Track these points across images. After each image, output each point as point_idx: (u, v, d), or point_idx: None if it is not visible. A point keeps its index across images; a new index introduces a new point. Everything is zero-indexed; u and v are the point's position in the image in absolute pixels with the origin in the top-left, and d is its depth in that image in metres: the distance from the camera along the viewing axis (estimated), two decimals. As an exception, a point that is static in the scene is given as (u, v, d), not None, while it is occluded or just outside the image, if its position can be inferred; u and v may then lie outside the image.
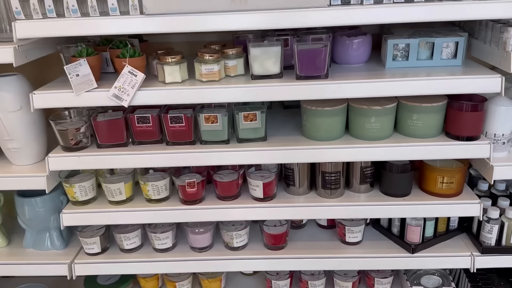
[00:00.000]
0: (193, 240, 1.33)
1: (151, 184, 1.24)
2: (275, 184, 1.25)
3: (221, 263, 1.32)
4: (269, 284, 1.38)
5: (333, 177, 1.23)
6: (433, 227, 1.30)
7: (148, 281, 1.41)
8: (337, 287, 1.37)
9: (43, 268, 1.34)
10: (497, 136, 1.17)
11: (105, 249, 1.35)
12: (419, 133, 1.17)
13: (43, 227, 1.35)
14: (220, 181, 1.25)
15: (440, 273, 1.35)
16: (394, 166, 1.23)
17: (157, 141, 1.22)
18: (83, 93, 1.11)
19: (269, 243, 1.32)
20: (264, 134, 1.20)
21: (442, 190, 1.23)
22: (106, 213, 1.26)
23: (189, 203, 1.26)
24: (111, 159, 1.19)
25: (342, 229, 1.32)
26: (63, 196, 1.34)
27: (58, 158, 1.19)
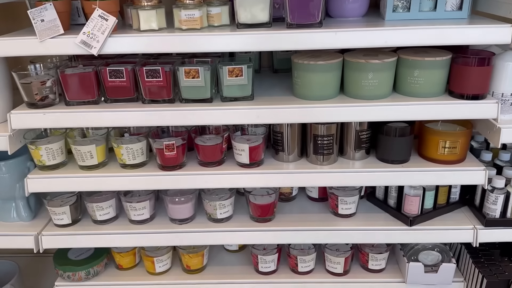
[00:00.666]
0: (172, 211, 1.22)
1: (125, 147, 1.13)
2: (262, 149, 1.15)
3: (204, 236, 1.22)
4: (255, 260, 1.28)
5: (326, 141, 1.13)
6: (433, 199, 1.21)
7: (124, 257, 1.30)
8: (328, 263, 1.27)
9: (7, 240, 1.22)
10: (505, 96, 1.07)
11: (76, 220, 1.24)
12: (421, 92, 1.07)
13: (8, 196, 1.24)
14: (203, 145, 1.14)
15: (439, 248, 1.25)
16: (392, 129, 1.13)
17: (132, 98, 1.11)
18: (48, 40, 1.00)
19: (256, 214, 1.22)
20: (251, 92, 1.09)
21: (444, 156, 1.13)
22: (76, 178, 1.15)
23: (168, 168, 1.15)
24: (81, 117, 1.08)
25: (334, 200, 1.22)
26: (30, 162, 1.22)
27: (21, 115, 1.07)
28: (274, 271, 1.30)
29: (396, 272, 1.28)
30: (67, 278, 1.27)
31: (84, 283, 1.28)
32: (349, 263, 1.27)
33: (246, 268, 1.33)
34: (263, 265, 1.27)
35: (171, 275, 1.31)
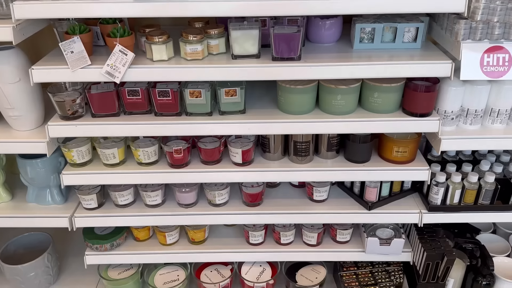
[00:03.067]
0: (180, 198, 1.51)
1: (142, 150, 1.39)
2: (252, 151, 1.41)
3: (205, 218, 1.51)
4: (246, 235, 1.59)
5: (304, 146, 1.40)
6: (389, 188, 1.50)
7: (140, 231, 1.60)
8: (304, 237, 1.58)
9: (45, 221, 1.50)
10: (447, 112, 1.33)
11: (101, 204, 1.52)
12: (379, 109, 1.33)
13: (44, 185, 1.51)
14: (204, 148, 1.40)
15: (393, 226, 1.57)
16: (357, 136, 1.39)
17: (146, 111, 1.35)
18: (78, 69, 1.22)
19: (247, 200, 1.51)
20: (243, 108, 1.34)
21: (397, 157, 1.41)
22: (102, 174, 1.41)
23: (176, 167, 1.42)
24: (105, 128, 1.33)
25: (310, 189, 1.51)
26: (61, 157, 1.48)
27: (57, 126, 1.31)
28: (262, 243, 1.60)
29: (358, 244, 1.60)
30: (95, 249, 1.57)
31: (109, 252, 1.58)
32: (321, 236, 1.59)
33: (239, 240, 1.62)
34: (253, 238, 1.58)
35: (179, 246, 1.61)
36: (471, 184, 1.44)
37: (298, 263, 1.67)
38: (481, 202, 1.46)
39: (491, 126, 1.36)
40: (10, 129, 1.40)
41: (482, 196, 1.45)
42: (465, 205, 1.47)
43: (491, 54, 1.20)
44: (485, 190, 1.44)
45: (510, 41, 1.19)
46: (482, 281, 1.55)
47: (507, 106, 1.32)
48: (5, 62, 1.26)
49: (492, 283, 1.56)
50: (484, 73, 1.22)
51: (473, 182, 1.43)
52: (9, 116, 1.36)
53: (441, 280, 1.54)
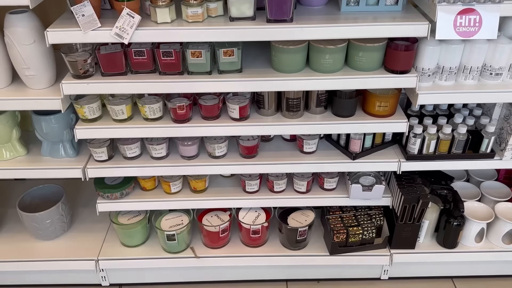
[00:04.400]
0: (183, 151, 1.66)
1: (148, 106, 1.52)
2: (249, 107, 1.55)
3: (206, 168, 1.66)
4: (243, 183, 1.75)
5: (295, 102, 1.54)
6: (371, 140, 1.66)
7: (147, 181, 1.75)
8: (295, 185, 1.75)
9: (60, 172, 1.64)
10: (424, 70, 1.48)
11: (111, 157, 1.67)
12: (364, 67, 1.47)
13: (57, 139, 1.64)
14: (204, 104, 1.54)
15: (374, 174, 1.74)
16: (343, 93, 1.54)
17: (151, 71, 1.48)
18: (89, 31, 1.33)
19: (244, 153, 1.66)
20: (240, 67, 1.47)
21: (379, 112, 1.56)
22: (111, 129, 1.54)
23: (179, 122, 1.55)
24: (114, 86, 1.45)
25: (301, 142, 1.66)
26: (72, 114, 1.61)
27: (70, 84, 1.43)
28: (257, 191, 1.76)
29: (343, 191, 1.77)
30: (106, 198, 1.72)
31: (119, 200, 1.73)
32: (310, 184, 1.76)
33: (236, 188, 1.78)
34: (249, 187, 1.75)
35: (182, 194, 1.76)
36: (445, 135, 1.60)
37: (290, 208, 1.85)
38: (454, 151, 1.63)
39: (464, 82, 1.51)
40: (26, 87, 1.51)
41: (455, 146, 1.62)
42: (439, 154, 1.64)
43: (464, 16, 1.33)
44: (458, 141, 1.61)
45: (480, 3, 1.32)
46: (454, 222, 1.75)
47: (479, 64, 1.47)
48: (21, 25, 1.37)
49: (462, 223, 1.75)
50: (457, 33, 1.35)
51: (447, 134, 1.60)
52: (25, 76, 1.47)
53: (416, 221, 1.73)
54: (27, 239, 1.87)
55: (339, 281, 1.90)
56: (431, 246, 1.84)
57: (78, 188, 2.12)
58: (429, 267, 1.90)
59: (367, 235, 1.76)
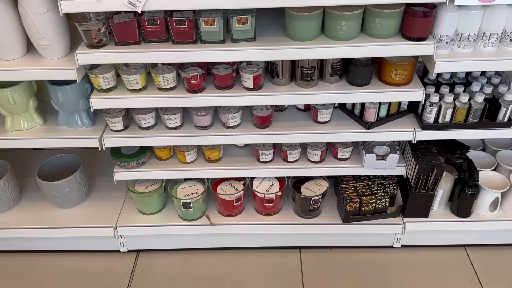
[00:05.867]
0: (197, 121, 1.67)
1: (162, 76, 1.52)
2: (262, 77, 1.54)
3: (220, 138, 1.67)
4: (257, 153, 1.76)
5: (309, 71, 1.53)
6: (387, 109, 1.64)
7: (162, 151, 1.78)
8: (309, 155, 1.76)
9: (77, 141, 1.67)
10: (442, 36, 1.44)
11: (126, 126, 1.68)
12: (380, 35, 1.43)
13: (73, 109, 1.66)
14: (218, 74, 1.53)
15: (389, 143, 1.73)
16: (358, 61, 1.51)
17: (164, 40, 1.47)
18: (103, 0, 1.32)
19: (257, 123, 1.66)
20: (253, 35, 1.45)
21: (395, 80, 1.54)
22: (126, 99, 1.55)
23: (193, 92, 1.55)
24: (127, 55, 1.45)
25: (315, 112, 1.65)
26: (87, 84, 1.62)
27: (84, 54, 1.44)
28: (271, 161, 1.78)
29: (357, 160, 1.77)
30: (122, 167, 1.76)
31: (135, 169, 1.76)
32: (324, 154, 1.76)
33: (250, 158, 1.80)
34: (263, 157, 1.76)
35: (197, 164, 1.78)
36: (462, 104, 1.58)
37: (303, 178, 1.86)
38: (470, 120, 1.61)
39: (482, 49, 1.47)
40: (41, 57, 1.52)
41: (472, 114, 1.60)
42: (455, 123, 1.62)
43: (486, -20, 1.29)
44: (475, 109, 1.58)
45: (504, -34, 1.27)
46: (468, 191, 1.75)
47: (498, 30, 1.42)
48: (33, -6, 1.37)
49: (476, 192, 1.75)
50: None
51: (463, 102, 1.57)
52: (39, 46, 1.48)
53: (430, 190, 1.73)
54: (47, 207, 1.92)
55: (351, 248, 1.94)
56: (445, 215, 1.85)
57: (95, 158, 2.17)
58: (442, 236, 1.91)
59: (380, 204, 1.77)
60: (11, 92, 1.59)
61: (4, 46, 1.49)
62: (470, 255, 1.90)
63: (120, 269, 1.88)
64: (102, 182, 2.05)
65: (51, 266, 1.90)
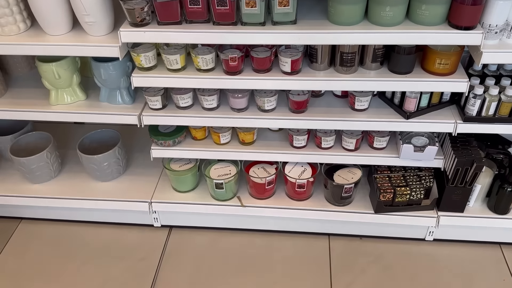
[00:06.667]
0: (233, 103, 1.68)
1: (201, 57, 1.53)
2: (301, 61, 1.53)
3: (255, 121, 1.67)
4: (291, 138, 1.76)
5: (350, 57, 1.50)
6: (428, 99, 1.60)
7: (198, 131, 1.80)
8: (344, 142, 1.74)
9: (117, 118, 1.72)
10: (491, 26, 1.37)
11: (165, 105, 1.72)
12: (426, 22, 1.39)
13: (115, 86, 1.71)
14: (256, 56, 1.53)
15: (428, 135, 1.69)
16: (402, 48, 1.47)
17: (206, 20, 1.48)
18: (147, -21, 1.34)
19: (293, 107, 1.66)
20: (294, 18, 1.43)
21: (439, 70, 1.49)
22: (166, 78, 1.58)
23: (230, 74, 1.56)
24: (169, 35, 1.46)
25: (352, 99, 1.63)
26: (129, 62, 1.66)
27: (127, 32, 1.47)
28: (304, 146, 1.77)
29: (393, 150, 1.74)
30: (159, 145, 1.80)
31: (171, 148, 1.80)
32: (359, 142, 1.74)
33: (283, 143, 1.80)
34: (296, 142, 1.76)
35: (231, 145, 1.79)
36: (508, 97, 1.51)
37: (336, 165, 1.85)
38: (516, 115, 1.55)
39: (535, 41, 1.40)
40: (85, 34, 1.56)
41: (518, 109, 1.53)
42: (499, 117, 1.55)
43: (545, -34, 1.21)
44: (522, 104, 1.51)
45: None
46: (508, 188, 1.69)
47: (555, 21, 1.35)
48: (81, -28, 1.40)
49: (516, 190, 1.69)
50: (535, -15, 1.24)
51: (509, 95, 1.51)
52: (85, 22, 1.52)
53: (468, 185, 1.69)
54: (86, 179, 2.00)
55: (382, 238, 1.92)
56: (481, 210, 1.80)
57: (132, 134, 2.23)
58: (476, 232, 1.86)
59: (415, 196, 1.74)
60: (56, 66, 1.65)
61: (51, 21, 1.54)
62: (505, 254, 1.85)
63: (152, 243, 1.95)
64: (139, 158, 2.11)
65: (88, 236, 1.99)
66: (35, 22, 1.61)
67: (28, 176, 1.95)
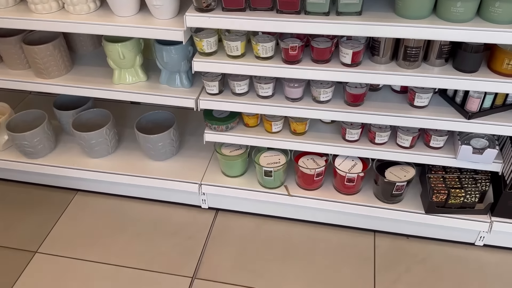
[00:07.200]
0: (288, 92, 1.68)
1: (261, 44, 1.55)
2: (362, 53, 1.51)
3: (309, 112, 1.67)
4: (343, 131, 1.75)
5: (414, 51, 1.46)
6: (492, 100, 1.54)
7: (251, 118, 1.83)
8: (399, 139, 1.71)
9: (175, 100, 1.77)
10: None
11: (221, 91, 1.75)
12: (498, 20, 1.33)
13: (175, 69, 1.76)
14: (317, 47, 1.52)
15: (488, 137, 1.63)
16: (469, 46, 1.42)
17: (269, 8, 1.49)
18: (216, -35, 1.36)
19: (349, 100, 1.64)
20: (360, 9, 1.41)
21: (507, 70, 1.43)
22: (226, 64, 1.61)
23: (289, 63, 1.57)
24: (233, 22, 1.48)
25: (412, 95, 1.59)
26: (190, 47, 1.70)
27: (193, 17, 1.50)
28: (357, 140, 1.75)
29: (450, 150, 1.69)
30: (213, 129, 1.84)
31: (224, 133, 1.83)
32: (415, 140, 1.70)
33: (335, 135, 1.78)
34: (349, 135, 1.74)
35: (282, 135, 1.80)
36: None
37: (388, 162, 1.82)
38: None
39: None
40: (151, 17, 1.61)
41: None
42: None
43: None
44: None
45: None
46: None
47: None
48: (153, -44, 1.44)
49: None
50: None
51: None
52: (152, 5, 1.57)
53: (527, 192, 1.62)
54: (141, 157, 2.08)
55: (429, 240, 1.88)
56: (539, 220, 1.72)
57: (185, 117, 2.28)
58: (531, 242, 1.79)
59: (469, 199, 1.69)
60: (122, 47, 1.72)
61: (120, 3, 1.60)
62: (562, 267, 1.77)
63: (199, 223, 2.01)
64: (189, 141, 2.16)
65: (138, 212, 2.08)
66: (104, 3, 1.68)
67: (87, 150, 2.05)
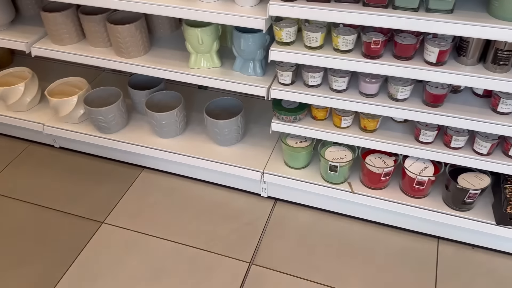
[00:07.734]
0: (363, 88, 1.65)
1: (342, 37, 1.53)
2: (448, 52, 1.45)
3: (383, 109, 1.63)
4: (417, 132, 1.69)
5: (505, 55, 1.39)
6: None
7: (320, 111, 1.81)
8: (476, 145, 1.63)
9: (247, 88, 1.79)
10: None
11: (293, 82, 1.74)
12: None
13: (250, 57, 1.77)
14: (400, 42, 1.48)
15: None
16: None
17: (355, 1, 1.46)
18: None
19: (428, 100, 1.58)
20: (452, 7, 1.35)
21: None
22: (302, 55, 1.60)
23: (369, 57, 1.53)
24: (317, 12, 1.47)
25: (496, 100, 1.51)
26: (267, 35, 1.71)
27: (277, 6, 1.49)
28: (431, 143, 1.69)
29: (531, 162, 1.61)
30: (281, 119, 1.84)
31: (291, 124, 1.82)
32: (493, 148, 1.62)
33: (407, 136, 1.73)
34: (423, 137, 1.68)
35: (351, 130, 1.77)
36: None
37: (461, 168, 1.75)
38: None
39: None
40: (232, 4, 1.63)
41: None
42: None
43: None
44: None
45: None
46: None
47: None
48: None
49: None
50: None
51: None
52: (237, -8, 1.59)
53: None
54: (206, 141, 2.13)
55: (496, 252, 1.80)
56: None
57: (251, 105, 2.31)
58: None
59: (548, 215, 1.60)
60: (201, 32, 1.76)
61: (204, -11, 1.64)
62: None
63: (258, 211, 2.03)
64: (255, 128, 2.18)
65: (199, 194, 2.13)
66: (188, -13, 1.72)
67: (157, 130, 2.12)
